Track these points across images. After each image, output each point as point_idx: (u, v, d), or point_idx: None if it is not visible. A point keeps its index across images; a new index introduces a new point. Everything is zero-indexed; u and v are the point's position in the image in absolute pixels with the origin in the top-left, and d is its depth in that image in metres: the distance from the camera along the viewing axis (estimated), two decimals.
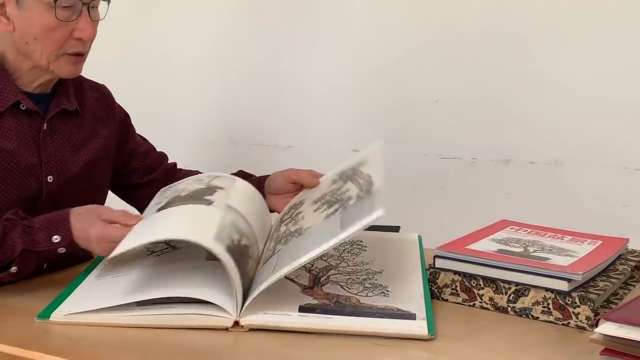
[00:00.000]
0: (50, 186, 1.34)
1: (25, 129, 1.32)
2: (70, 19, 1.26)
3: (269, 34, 1.96)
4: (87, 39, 1.30)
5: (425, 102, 1.81)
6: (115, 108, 1.53)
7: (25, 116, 1.32)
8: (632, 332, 0.85)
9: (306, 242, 1.09)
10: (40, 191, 1.33)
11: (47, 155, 1.34)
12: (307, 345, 1.00)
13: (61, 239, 1.17)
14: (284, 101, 1.96)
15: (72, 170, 1.38)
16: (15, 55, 1.30)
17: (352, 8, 1.85)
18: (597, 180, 1.66)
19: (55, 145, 1.36)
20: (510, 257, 1.16)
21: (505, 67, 1.72)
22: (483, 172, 1.77)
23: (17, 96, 1.30)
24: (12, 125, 1.30)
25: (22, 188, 1.31)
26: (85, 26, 1.28)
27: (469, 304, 1.17)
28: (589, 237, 1.30)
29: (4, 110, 1.29)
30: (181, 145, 1.99)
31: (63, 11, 1.25)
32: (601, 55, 1.63)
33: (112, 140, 1.49)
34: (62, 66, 1.31)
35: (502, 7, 1.70)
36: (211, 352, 0.98)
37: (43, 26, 1.25)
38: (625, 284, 1.23)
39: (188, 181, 1.33)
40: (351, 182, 1.24)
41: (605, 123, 1.64)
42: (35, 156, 1.33)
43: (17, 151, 1.30)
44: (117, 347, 0.99)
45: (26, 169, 1.31)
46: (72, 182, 1.38)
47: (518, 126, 1.72)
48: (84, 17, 1.28)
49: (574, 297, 1.07)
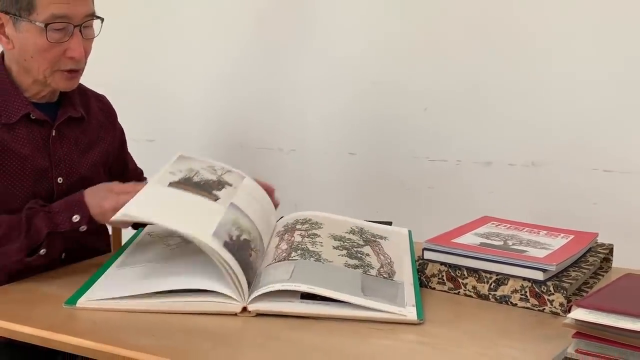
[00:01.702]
0: (60, 187, 1.33)
1: (37, 136, 1.31)
2: (62, 40, 1.24)
3: (274, 48, 1.96)
4: (79, 58, 1.27)
5: (415, 110, 1.81)
6: (116, 118, 1.52)
7: (36, 124, 1.31)
8: (601, 317, 0.85)
9: (327, 275, 1.09)
10: (51, 192, 1.32)
11: (57, 159, 1.33)
12: (308, 329, 0.99)
13: (80, 217, 1.19)
14: (287, 109, 1.96)
15: (79, 171, 1.37)
16: (17, 69, 1.30)
17: (350, 26, 1.85)
18: (570, 180, 1.66)
19: (63, 149, 1.35)
20: (491, 249, 1.16)
21: (487, 79, 1.72)
22: (467, 173, 1.76)
23: (26, 107, 1.29)
24: (24, 133, 1.29)
25: (35, 189, 1.30)
26: (76, 46, 1.26)
27: (454, 292, 1.17)
28: (562, 232, 1.30)
29: (16, 120, 1.28)
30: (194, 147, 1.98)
31: (54, 33, 1.23)
32: (573, 68, 1.63)
33: (113, 147, 1.48)
34: (57, 81, 1.29)
35: (484, 25, 1.70)
36: (222, 334, 0.98)
37: (36, 47, 1.24)
38: (595, 274, 1.22)
39: (203, 165, 1.31)
40: (370, 247, 1.25)
41: (577, 129, 1.64)
42: (46, 160, 1.32)
43: (31, 156, 1.29)
44: (137, 330, 1.00)
45: (39, 172, 1.30)
46: (80, 182, 1.35)
47: (498, 132, 1.72)
48: (75, 38, 1.25)
49: (548, 286, 1.07)
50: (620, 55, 1.59)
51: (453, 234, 1.26)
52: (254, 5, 1.96)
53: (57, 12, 1.22)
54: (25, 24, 1.23)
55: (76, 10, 1.24)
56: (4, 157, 1.26)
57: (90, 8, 1.28)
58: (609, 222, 1.58)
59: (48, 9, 1.21)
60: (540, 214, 1.56)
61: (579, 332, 0.87)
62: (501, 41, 1.69)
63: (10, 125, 1.27)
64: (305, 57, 1.91)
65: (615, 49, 1.59)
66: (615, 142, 1.61)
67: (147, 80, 2.09)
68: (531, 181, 1.70)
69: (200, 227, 1.08)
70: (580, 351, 0.87)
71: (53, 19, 1.22)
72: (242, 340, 0.97)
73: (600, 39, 1.60)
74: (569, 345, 0.88)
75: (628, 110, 1.59)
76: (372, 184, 1.82)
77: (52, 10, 1.21)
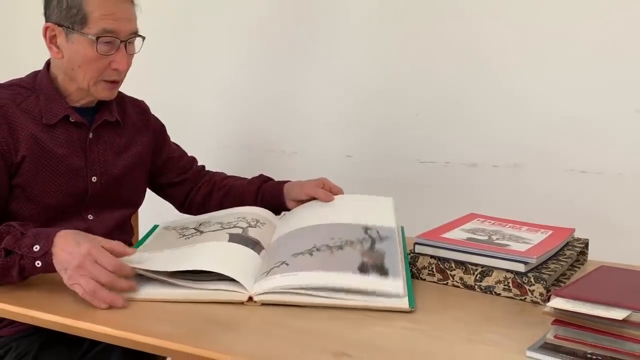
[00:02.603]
0: (94, 185, 1.34)
1: (74, 137, 1.31)
2: (109, 52, 1.25)
3: (279, 60, 1.96)
4: (123, 70, 1.29)
5: (407, 116, 1.81)
6: (151, 120, 1.52)
7: (74, 127, 1.31)
8: (578, 305, 0.85)
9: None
10: (85, 189, 1.33)
11: (92, 159, 1.33)
12: (309, 317, 1.00)
13: (40, 248, 1.05)
14: (291, 115, 1.96)
15: (113, 172, 1.37)
16: (63, 77, 1.30)
17: (349, 41, 1.86)
18: (549, 180, 1.66)
19: (99, 150, 1.35)
20: (477, 244, 1.17)
21: (473, 89, 1.72)
22: (454, 173, 1.77)
23: (66, 111, 1.29)
24: (62, 134, 1.30)
25: (70, 186, 1.30)
26: (121, 59, 1.27)
27: (443, 282, 1.17)
28: (541, 227, 1.30)
29: (56, 122, 1.28)
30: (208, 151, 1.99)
31: (103, 46, 1.24)
32: (550, 78, 1.64)
33: (148, 147, 1.47)
34: (99, 90, 1.30)
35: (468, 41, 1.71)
36: (230, 321, 0.99)
37: (85, 57, 1.25)
38: (572, 266, 1.23)
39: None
40: None
41: (555, 134, 1.65)
42: (82, 160, 1.32)
43: (67, 156, 1.29)
44: (153, 318, 1.00)
45: (74, 170, 1.31)
46: (113, 182, 1.37)
47: (483, 136, 1.72)
48: (121, 52, 1.26)
49: (529, 277, 1.08)
50: (591, 66, 1.59)
51: (442, 229, 1.26)
52: (261, 21, 1.97)
53: (107, 27, 1.23)
54: (77, 36, 1.23)
55: (124, 27, 1.25)
56: (43, 156, 1.26)
57: (135, 26, 1.29)
58: (584, 218, 1.59)
59: (100, 24, 1.22)
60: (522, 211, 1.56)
61: (557, 320, 0.88)
62: (484, 56, 1.70)
63: (50, 126, 1.28)
64: (308, 68, 1.92)
65: (587, 60, 1.59)
66: (589, 146, 1.61)
67: (165, 90, 2.09)
68: (513, 181, 1.70)
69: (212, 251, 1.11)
70: (559, 337, 0.88)
71: (103, 33, 1.23)
72: (249, 327, 0.98)
73: (572, 52, 1.60)
74: (549, 331, 0.89)
75: (600, 117, 1.59)
76: (367, 184, 1.82)
77: (104, 25, 1.23)
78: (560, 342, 0.87)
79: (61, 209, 1.29)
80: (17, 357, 1.22)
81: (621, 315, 0.82)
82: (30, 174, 1.25)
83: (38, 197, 1.26)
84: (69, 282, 1.03)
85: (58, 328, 1.01)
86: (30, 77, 1.33)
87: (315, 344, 0.90)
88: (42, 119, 1.27)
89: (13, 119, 1.24)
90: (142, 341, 0.93)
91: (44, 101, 1.29)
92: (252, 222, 1.30)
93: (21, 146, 1.24)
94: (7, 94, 1.27)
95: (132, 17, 1.28)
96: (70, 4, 1.22)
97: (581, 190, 1.63)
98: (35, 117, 1.27)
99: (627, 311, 0.82)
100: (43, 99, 1.29)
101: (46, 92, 1.29)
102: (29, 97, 1.28)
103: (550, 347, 0.87)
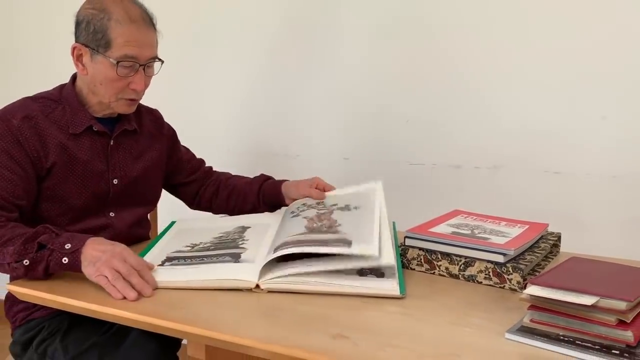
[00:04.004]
0: (115, 187, 1.33)
1: (97, 144, 1.31)
2: (128, 75, 1.24)
3: (284, 74, 1.96)
4: (140, 91, 1.28)
5: (398, 122, 1.81)
6: (165, 127, 1.52)
7: (97, 135, 1.31)
8: (552, 292, 0.85)
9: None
10: (107, 190, 1.32)
11: (113, 163, 1.33)
12: (310, 303, 1.00)
13: (71, 247, 1.06)
14: (294, 122, 1.96)
15: (132, 174, 1.37)
16: (87, 91, 1.29)
17: (347, 57, 1.86)
18: (525, 180, 1.66)
19: (119, 156, 1.35)
20: (460, 237, 1.17)
21: (457, 98, 1.72)
22: (441, 174, 1.77)
23: (90, 121, 1.29)
24: (87, 142, 1.29)
25: (94, 188, 1.30)
26: (139, 81, 1.25)
27: (430, 272, 1.17)
28: (519, 223, 1.30)
29: (81, 131, 1.28)
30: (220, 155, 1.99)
31: (123, 69, 1.23)
32: (527, 90, 1.64)
33: (163, 152, 1.47)
34: (119, 106, 1.29)
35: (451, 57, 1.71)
36: (239, 307, 0.99)
37: (107, 77, 1.24)
38: (546, 257, 1.23)
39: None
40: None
41: (530, 139, 1.65)
42: (104, 164, 1.32)
43: (91, 161, 1.29)
44: (169, 304, 1.00)
45: (97, 174, 1.30)
46: (132, 183, 1.37)
47: (466, 141, 1.72)
48: (139, 74, 1.25)
49: (508, 267, 1.08)
50: (562, 80, 1.59)
51: (429, 224, 1.26)
52: (268, 38, 1.97)
53: (129, 52, 1.22)
54: (100, 57, 1.23)
55: (144, 53, 1.24)
56: (70, 162, 1.27)
57: (155, 52, 1.28)
58: (557, 214, 1.59)
59: (122, 50, 1.21)
60: (501, 208, 1.56)
61: (533, 305, 0.88)
62: (468, 71, 1.69)
63: (76, 135, 1.28)
64: (309, 81, 1.92)
65: (558, 74, 1.59)
66: (561, 149, 1.61)
67: (183, 100, 2.09)
68: (493, 181, 1.70)
69: None
70: (534, 321, 0.88)
71: (124, 58, 1.22)
72: (256, 312, 0.98)
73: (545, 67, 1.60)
74: (525, 315, 0.89)
75: (571, 124, 1.59)
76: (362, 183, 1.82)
77: (125, 51, 1.21)
78: (535, 325, 0.88)
79: (86, 207, 1.29)
80: (49, 334, 1.25)
81: (590, 301, 0.82)
82: (59, 178, 1.26)
83: (66, 198, 1.27)
84: (95, 274, 1.04)
85: (85, 313, 1.01)
86: (56, 90, 1.33)
87: (316, 327, 0.91)
88: (69, 129, 1.27)
89: (43, 129, 1.24)
90: (160, 324, 0.93)
91: (70, 112, 1.29)
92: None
93: (50, 154, 1.24)
94: (37, 107, 1.27)
95: (153, 44, 1.27)
96: (97, 29, 1.21)
97: (554, 189, 1.63)
98: (62, 127, 1.27)
99: (595, 297, 0.82)
100: (69, 110, 1.29)
101: (72, 104, 1.29)
102: (56, 108, 1.28)
103: (526, 330, 0.87)
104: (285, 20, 1.94)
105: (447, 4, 1.70)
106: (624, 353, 0.80)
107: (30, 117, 1.24)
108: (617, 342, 0.82)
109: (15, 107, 1.26)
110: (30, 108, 1.26)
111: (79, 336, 1.21)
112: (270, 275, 1.05)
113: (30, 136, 1.22)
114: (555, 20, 1.58)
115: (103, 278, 1.03)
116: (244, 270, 1.07)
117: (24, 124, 1.22)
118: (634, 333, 0.81)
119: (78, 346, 1.19)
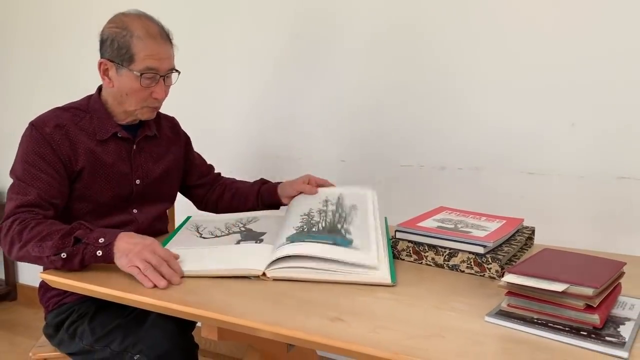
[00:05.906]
0: (137, 187, 1.34)
1: (122, 149, 1.31)
2: (150, 85, 1.24)
3: (287, 85, 1.96)
4: (161, 99, 1.28)
5: (390, 128, 1.80)
6: (181, 133, 1.52)
7: (121, 141, 1.31)
8: (527, 280, 0.85)
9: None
10: (131, 190, 1.33)
11: (135, 166, 1.33)
12: (310, 289, 1.00)
13: (104, 241, 1.05)
14: (297, 129, 1.96)
15: (153, 176, 1.37)
16: (112, 101, 1.29)
17: (342, 69, 1.85)
18: (503, 180, 1.66)
19: (141, 159, 1.35)
20: (445, 231, 1.17)
21: (444, 106, 1.72)
22: (427, 175, 1.77)
23: (115, 128, 1.29)
24: (112, 147, 1.30)
25: (119, 188, 1.30)
26: (160, 91, 1.26)
27: (418, 262, 1.17)
28: (497, 218, 1.30)
29: (107, 137, 1.29)
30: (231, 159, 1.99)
31: (146, 80, 1.23)
32: (505, 99, 1.63)
33: (180, 156, 1.48)
34: (143, 113, 1.30)
35: (436, 69, 1.70)
36: (247, 293, 0.99)
37: (131, 88, 1.24)
38: (522, 249, 1.23)
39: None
40: None
41: (508, 143, 1.64)
42: (128, 167, 1.32)
43: (116, 164, 1.30)
44: (184, 291, 1.00)
45: (122, 175, 1.31)
46: (153, 184, 1.37)
47: (450, 144, 1.72)
48: (160, 84, 1.25)
49: (487, 257, 1.08)
50: (536, 90, 1.59)
51: (417, 219, 1.26)
52: (273, 53, 1.96)
53: (150, 65, 1.22)
54: (125, 71, 1.23)
55: (164, 65, 1.24)
56: (97, 165, 1.27)
57: (173, 64, 1.28)
58: (531, 210, 1.59)
59: (144, 63, 1.21)
60: (481, 205, 1.56)
61: (510, 292, 0.88)
62: (453, 80, 1.69)
63: (103, 141, 1.28)
64: (309, 91, 1.92)
65: (533, 85, 1.59)
66: (535, 152, 1.61)
67: (191, 109, 2.09)
68: (475, 181, 1.70)
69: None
70: (511, 305, 0.88)
71: (146, 70, 1.22)
72: (263, 298, 0.97)
73: (522, 79, 1.60)
74: (503, 301, 0.89)
75: (544, 129, 1.59)
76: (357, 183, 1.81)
77: (147, 64, 1.22)
78: (512, 309, 0.88)
79: (112, 205, 1.30)
80: (79, 317, 1.25)
81: (561, 287, 0.82)
82: (88, 180, 1.26)
83: (94, 197, 1.27)
84: (128, 265, 1.03)
85: (110, 299, 1.01)
86: (84, 100, 1.33)
87: (316, 311, 0.90)
88: (96, 136, 1.28)
89: (73, 136, 1.25)
90: (177, 309, 0.93)
91: (97, 121, 1.29)
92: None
93: (80, 158, 1.24)
94: (67, 116, 1.27)
95: (171, 56, 1.27)
96: (121, 45, 1.22)
97: (529, 188, 1.63)
98: (90, 134, 1.27)
99: (565, 285, 0.82)
100: (96, 119, 1.29)
101: (99, 113, 1.30)
102: (84, 117, 1.29)
103: (504, 314, 0.87)
104: (290, 35, 1.93)
105: (438, 17, 1.70)
106: (591, 334, 0.80)
107: (62, 126, 1.24)
108: (585, 325, 0.82)
109: (48, 117, 1.26)
110: (61, 117, 1.26)
111: (104, 319, 1.22)
112: (276, 265, 1.04)
113: (61, 142, 1.23)
114: (533, 36, 1.58)
115: (135, 268, 1.02)
116: (253, 259, 1.07)
117: (56, 131, 1.23)
118: (600, 316, 0.81)
119: (104, 327, 1.20)
